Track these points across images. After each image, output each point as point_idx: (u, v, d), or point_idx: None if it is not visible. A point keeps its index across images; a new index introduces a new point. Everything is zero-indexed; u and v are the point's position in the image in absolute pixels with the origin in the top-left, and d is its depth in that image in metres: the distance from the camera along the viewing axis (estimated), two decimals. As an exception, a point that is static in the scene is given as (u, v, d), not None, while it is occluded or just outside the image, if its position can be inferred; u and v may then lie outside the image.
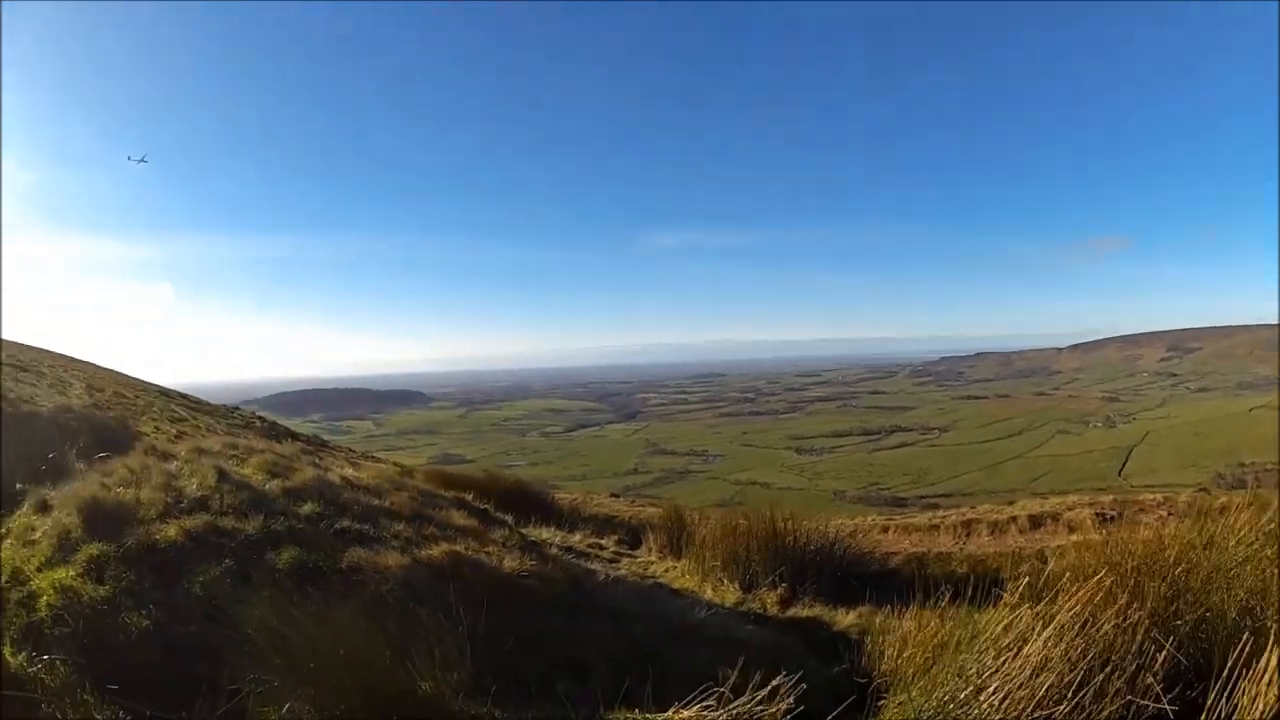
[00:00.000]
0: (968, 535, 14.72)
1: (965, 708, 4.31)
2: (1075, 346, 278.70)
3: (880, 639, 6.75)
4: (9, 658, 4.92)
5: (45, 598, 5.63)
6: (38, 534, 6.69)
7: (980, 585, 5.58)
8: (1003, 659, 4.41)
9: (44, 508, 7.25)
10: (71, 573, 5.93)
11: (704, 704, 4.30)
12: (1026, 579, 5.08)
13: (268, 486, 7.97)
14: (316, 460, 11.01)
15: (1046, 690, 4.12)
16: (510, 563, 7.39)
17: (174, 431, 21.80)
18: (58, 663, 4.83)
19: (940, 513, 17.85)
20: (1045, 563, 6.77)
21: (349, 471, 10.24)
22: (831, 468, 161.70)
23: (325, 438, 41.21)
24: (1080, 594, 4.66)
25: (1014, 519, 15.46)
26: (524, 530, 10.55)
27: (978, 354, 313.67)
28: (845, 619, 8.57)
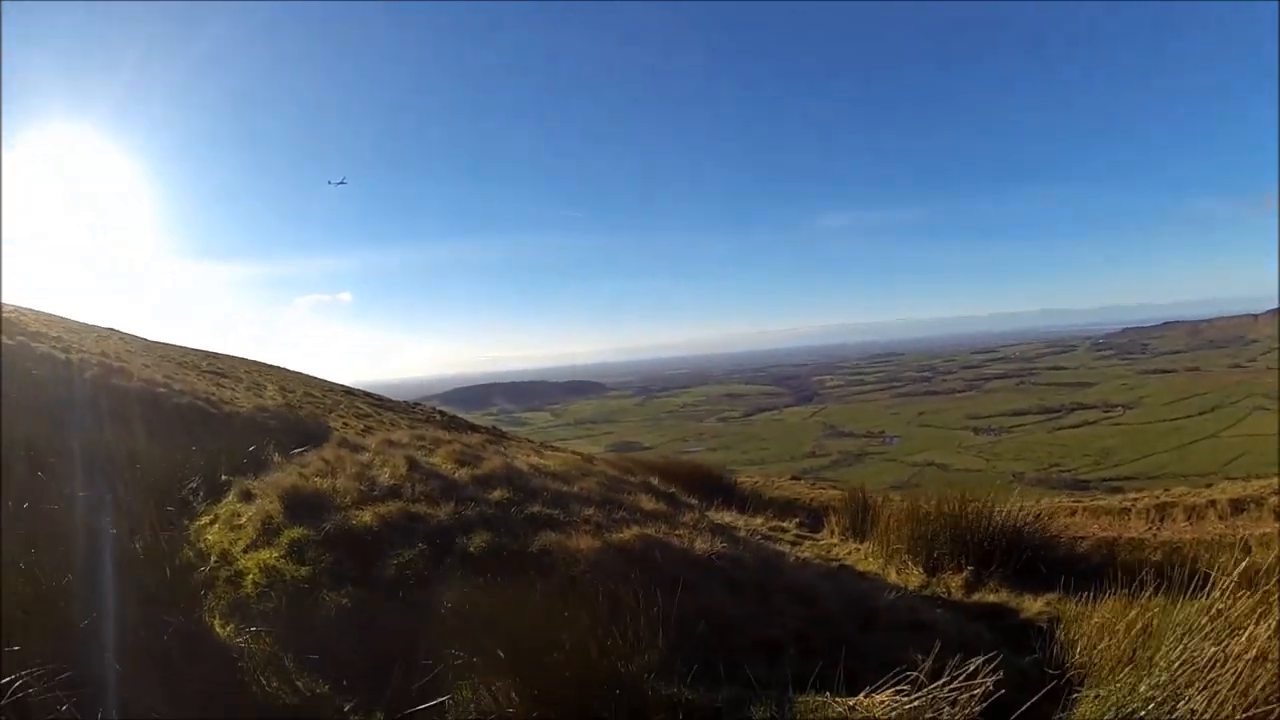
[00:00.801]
0: (1162, 520, 13.70)
1: (1171, 703, 3.97)
2: (1274, 311, 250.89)
3: (1072, 628, 6.31)
4: (219, 629, 5.46)
5: (251, 576, 6.26)
6: (243, 519, 7.40)
7: (1179, 574, 5.15)
8: (1212, 651, 4.02)
9: (248, 496, 7.98)
10: (275, 554, 6.52)
11: (897, 688, 4.19)
12: (1239, 566, 4.60)
13: (457, 474, 8.43)
14: (501, 449, 11.41)
15: (1263, 686, 3.74)
16: (701, 545, 7.41)
17: (361, 426, 23.28)
18: (263, 635, 5.33)
19: (1131, 496, 16.71)
20: (1249, 552, 6.16)
21: (535, 459, 10.62)
22: (1010, 448, 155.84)
23: (504, 429, 42.92)
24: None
25: (1213, 503, 14.31)
26: (709, 514, 10.55)
27: (1164, 324, 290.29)
28: (1033, 606, 8.09)
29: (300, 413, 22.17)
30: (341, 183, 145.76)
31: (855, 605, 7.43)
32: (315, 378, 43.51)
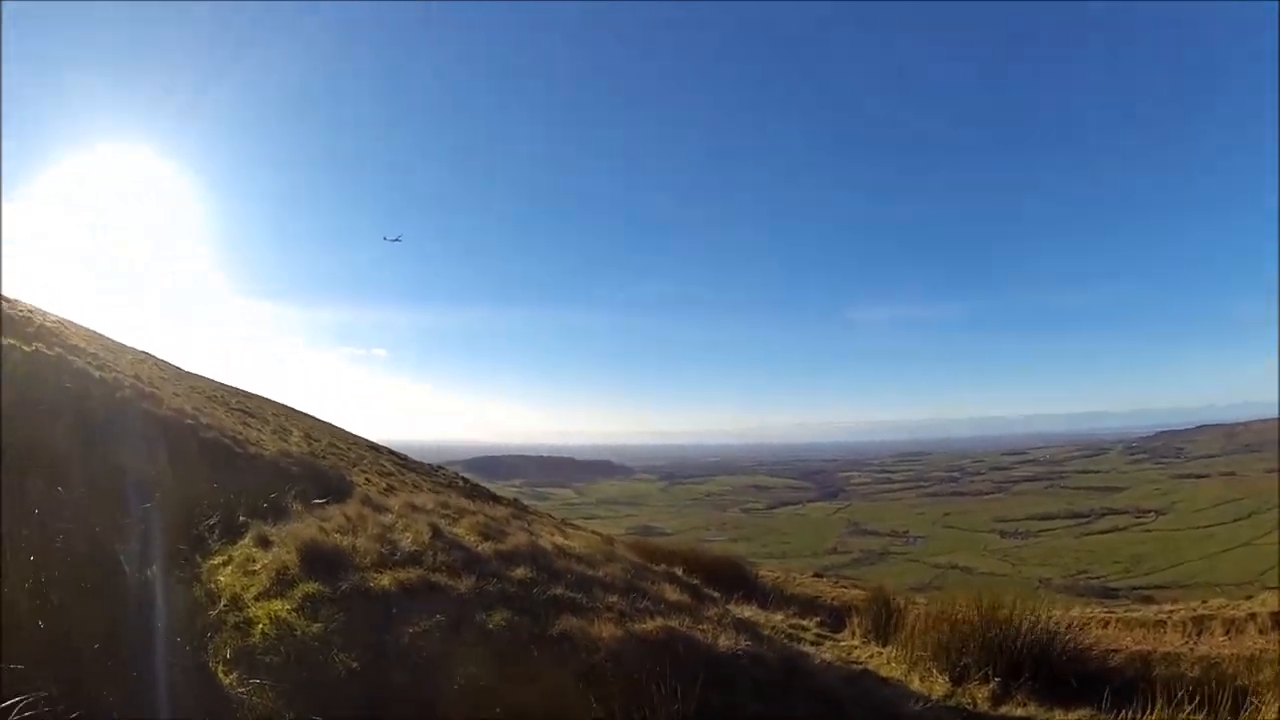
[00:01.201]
0: (1199, 634, 13.10)
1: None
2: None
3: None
4: (222, 675, 5.35)
5: (261, 626, 6.14)
6: (258, 566, 7.37)
7: (1219, 691, 4.93)
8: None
9: (264, 542, 7.96)
10: (287, 606, 6.44)
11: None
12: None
13: (480, 548, 8.41)
14: (526, 525, 11.33)
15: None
16: (724, 641, 7.26)
17: (383, 485, 23.26)
18: (267, 687, 5.22)
19: (1167, 608, 16.11)
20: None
21: (560, 539, 10.51)
22: (1036, 553, 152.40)
23: (526, 502, 42.73)
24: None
25: (1253, 616, 13.76)
26: (730, 608, 10.36)
27: (1198, 426, 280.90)
28: (1063, 723, 7.77)
29: (324, 463, 22.18)
30: (397, 240, 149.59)
31: (878, 713, 7.24)
32: (341, 429, 43.77)
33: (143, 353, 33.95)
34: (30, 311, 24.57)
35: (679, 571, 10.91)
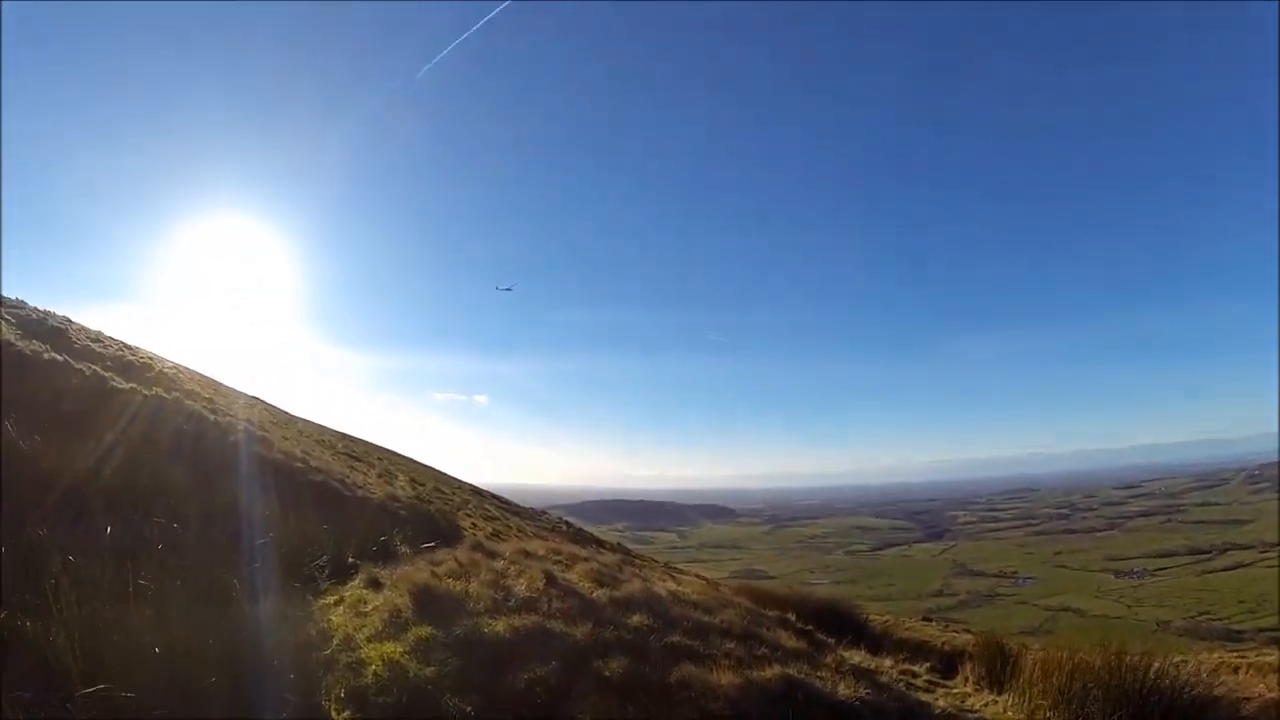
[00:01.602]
0: None
1: None
2: None
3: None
4: (335, 714, 5.42)
5: (373, 667, 6.16)
6: (369, 607, 7.47)
7: None
8: None
9: (375, 584, 8.09)
10: (400, 649, 6.47)
11: None
12: None
13: (595, 594, 8.43)
14: (638, 571, 11.27)
15: None
16: (844, 689, 7.10)
17: (489, 529, 23.48)
18: None
19: None
20: None
21: (673, 585, 10.39)
22: (1153, 593, 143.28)
23: (629, 546, 42.72)
24: None
25: None
26: (842, 653, 10.10)
27: None
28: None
29: (430, 507, 22.51)
30: (508, 289, 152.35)
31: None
32: (445, 473, 44.52)
33: (253, 398, 35.22)
34: (150, 358, 25.77)
35: (792, 617, 10.69)
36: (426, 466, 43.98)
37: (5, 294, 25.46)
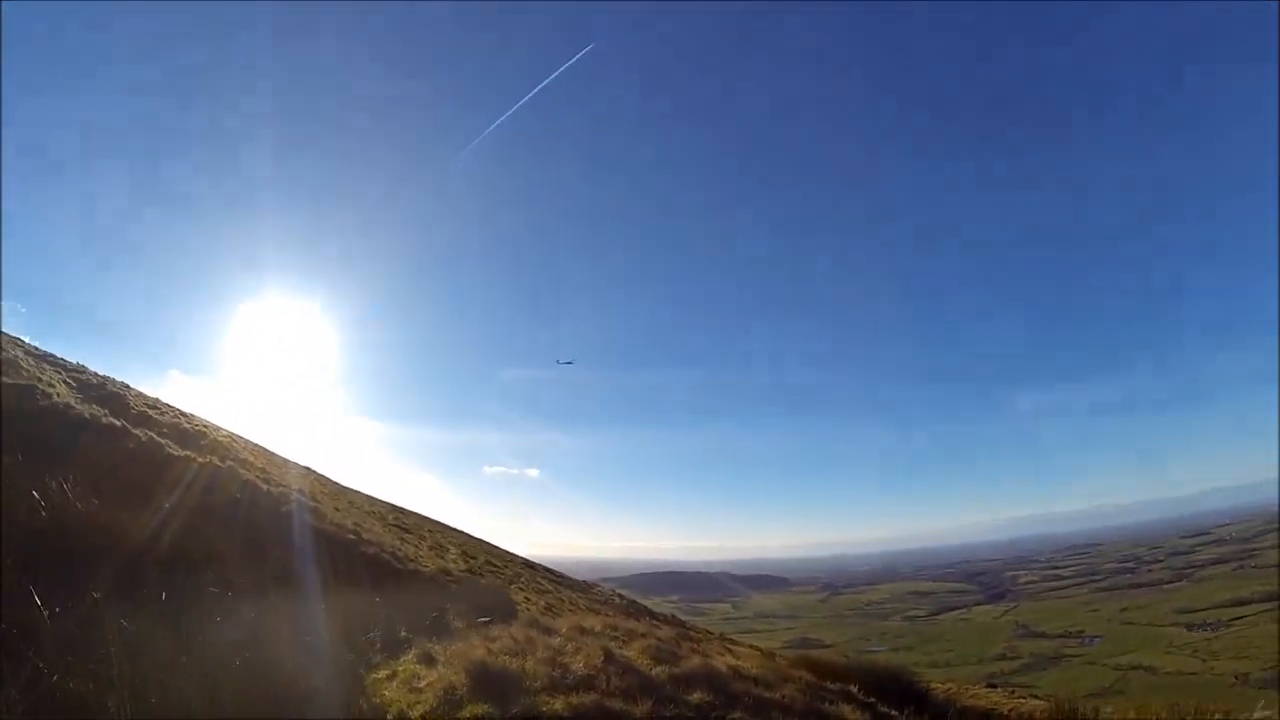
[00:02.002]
0: None
1: None
2: None
3: None
4: None
5: None
6: (423, 683, 7.31)
7: None
8: None
9: (429, 660, 7.94)
10: None
11: None
12: None
13: (654, 671, 8.22)
14: (697, 646, 11.06)
15: None
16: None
17: (542, 604, 23.24)
18: None
19: None
20: None
21: (732, 660, 10.16)
22: (1230, 645, 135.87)
23: (683, 618, 42.15)
24: None
25: None
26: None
27: None
28: None
29: (483, 581, 22.41)
30: (569, 363, 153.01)
31: None
32: (496, 546, 44.38)
33: (305, 468, 35.50)
34: (205, 426, 26.12)
35: (854, 689, 10.40)
36: (478, 540, 43.91)
37: (68, 359, 26.19)
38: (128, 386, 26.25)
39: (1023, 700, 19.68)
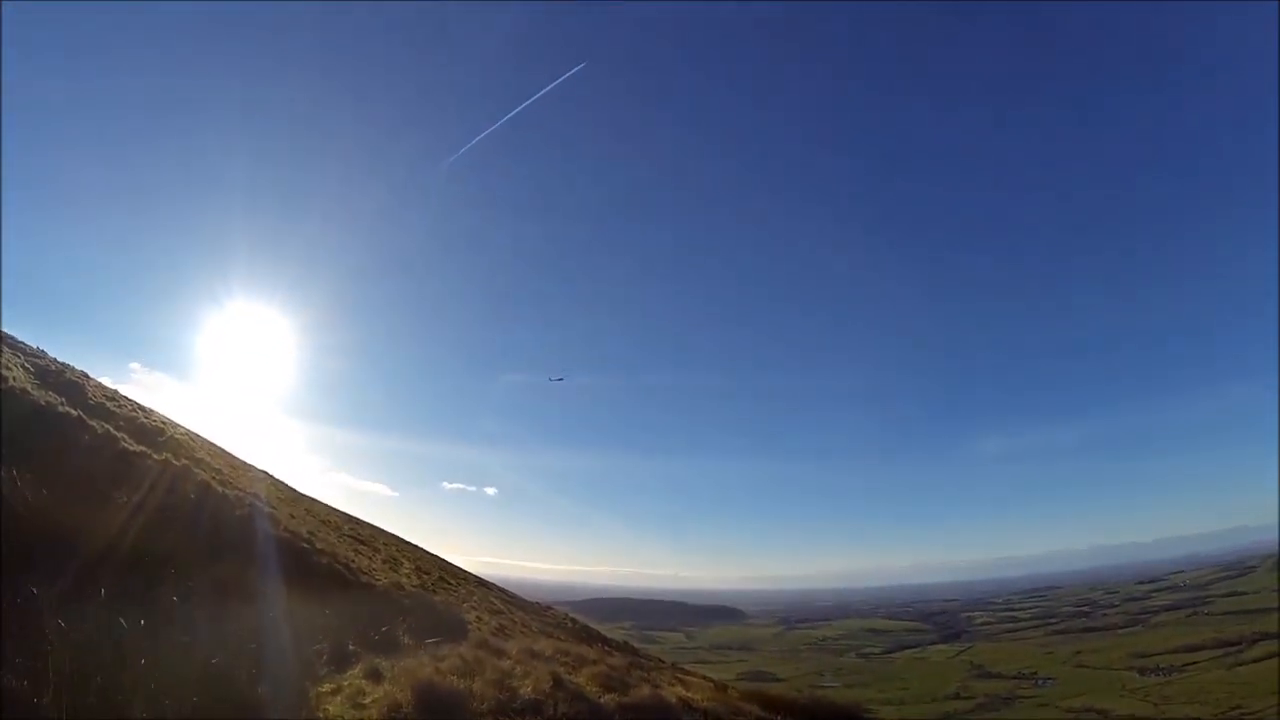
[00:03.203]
0: None
1: None
2: None
3: None
4: None
5: None
6: (368, 700, 7.25)
7: None
8: None
9: (375, 675, 7.87)
10: None
11: None
12: None
13: (603, 699, 8.21)
14: (647, 675, 11.01)
15: None
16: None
17: (494, 624, 23.04)
18: None
19: None
20: None
21: (682, 690, 10.12)
22: (1182, 690, 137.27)
23: (635, 646, 41.99)
24: None
25: None
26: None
27: None
28: None
29: (435, 597, 22.22)
30: (560, 379, 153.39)
31: None
32: (451, 563, 44.07)
33: (262, 472, 35.14)
34: (163, 423, 25.82)
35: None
36: (432, 555, 43.58)
37: (28, 342, 25.79)
38: (87, 375, 25.89)
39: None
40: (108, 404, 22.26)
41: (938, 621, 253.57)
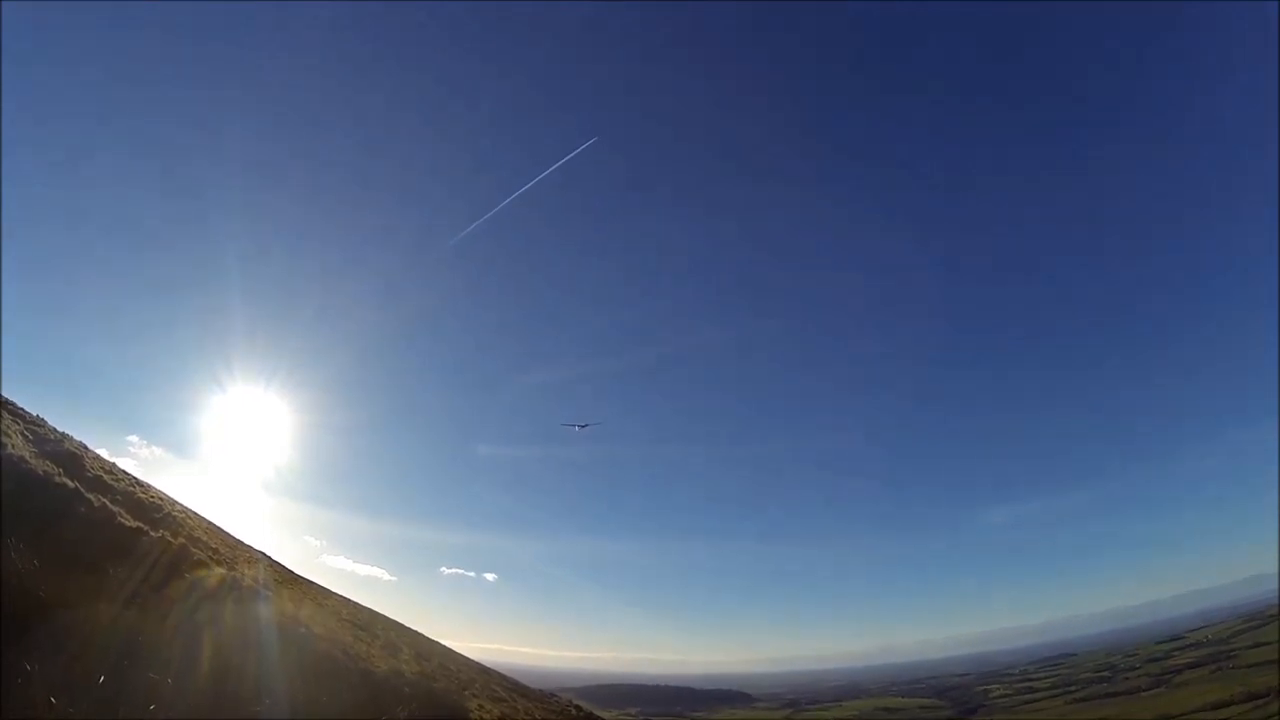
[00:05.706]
0: None
1: None
2: None
3: None
4: None
5: None
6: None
7: None
8: None
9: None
10: None
11: None
12: None
13: None
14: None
15: None
16: None
17: (497, 712, 22.51)
18: None
19: None
20: None
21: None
22: None
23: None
24: None
25: None
26: None
27: None
28: None
29: (435, 685, 21.76)
30: (584, 426, 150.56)
31: None
32: (451, 649, 43.49)
33: (260, 553, 34.79)
34: (161, 499, 25.57)
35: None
36: (432, 641, 42.97)
37: (28, 410, 25.71)
38: (85, 447, 25.75)
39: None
40: (105, 477, 22.09)
41: (952, 697, 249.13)
